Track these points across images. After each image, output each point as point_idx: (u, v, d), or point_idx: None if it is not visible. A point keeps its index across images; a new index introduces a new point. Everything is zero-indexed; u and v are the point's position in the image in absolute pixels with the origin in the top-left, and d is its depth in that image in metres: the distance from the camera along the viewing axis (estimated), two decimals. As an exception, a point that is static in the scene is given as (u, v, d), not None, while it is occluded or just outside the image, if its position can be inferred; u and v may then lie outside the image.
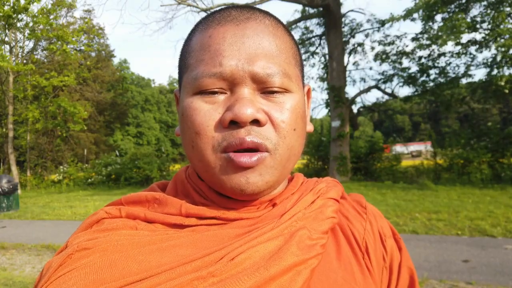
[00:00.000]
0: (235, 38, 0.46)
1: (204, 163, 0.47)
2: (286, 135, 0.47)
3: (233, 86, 0.46)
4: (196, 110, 0.47)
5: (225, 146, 0.45)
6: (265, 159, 0.46)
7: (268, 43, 0.47)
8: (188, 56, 0.50)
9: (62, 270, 0.40)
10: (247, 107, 0.44)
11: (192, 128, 0.47)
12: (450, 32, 10.58)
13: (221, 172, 0.46)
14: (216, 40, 0.47)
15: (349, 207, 0.58)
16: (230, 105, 0.45)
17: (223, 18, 0.49)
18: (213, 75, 0.46)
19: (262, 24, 0.48)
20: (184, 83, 0.50)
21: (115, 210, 0.49)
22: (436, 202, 7.98)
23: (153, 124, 47.34)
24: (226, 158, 0.45)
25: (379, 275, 0.53)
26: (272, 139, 0.46)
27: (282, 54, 0.48)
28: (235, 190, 0.46)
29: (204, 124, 0.46)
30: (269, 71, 0.46)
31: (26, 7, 14.80)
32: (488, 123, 14.22)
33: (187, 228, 0.48)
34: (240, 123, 0.45)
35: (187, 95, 0.49)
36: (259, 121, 0.45)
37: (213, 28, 0.48)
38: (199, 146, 0.47)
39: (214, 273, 0.40)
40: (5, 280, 4.32)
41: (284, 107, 0.47)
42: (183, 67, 0.52)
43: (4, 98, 17.14)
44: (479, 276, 3.79)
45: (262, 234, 0.45)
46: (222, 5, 13.24)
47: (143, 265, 0.41)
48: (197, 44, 0.49)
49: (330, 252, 0.50)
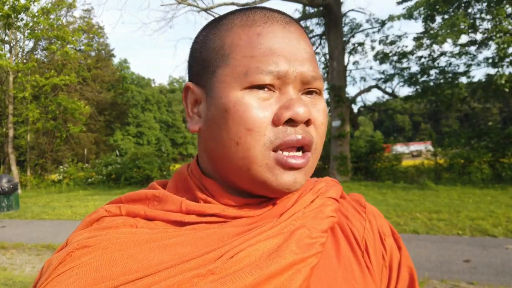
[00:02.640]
0: (286, 40, 0.48)
1: (249, 160, 0.46)
2: (323, 135, 0.50)
3: (283, 86, 0.47)
4: (248, 106, 0.46)
5: (278, 144, 0.46)
6: (309, 160, 0.48)
7: (309, 48, 0.51)
8: (227, 50, 0.49)
9: (62, 268, 0.40)
10: (304, 107, 0.46)
11: (243, 124, 0.46)
12: (450, 30, 10.57)
13: (268, 171, 0.46)
14: (267, 39, 0.48)
15: (349, 206, 0.58)
16: (285, 104, 0.46)
17: (268, 18, 0.49)
18: (270, 73, 0.46)
19: (300, 30, 0.52)
20: (223, 77, 0.48)
21: (115, 208, 0.49)
22: (437, 202, 7.98)
23: (153, 124, 47.35)
24: (276, 157, 0.46)
25: (378, 274, 0.54)
26: (315, 139, 0.49)
27: (314, 58, 0.51)
28: (282, 189, 0.47)
29: (258, 121, 0.46)
30: (314, 74, 0.49)
31: (26, 7, 14.82)
32: (489, 122, 14.22)
33: (187, 226, 0.48)
34: (297, 122, 0.46)
35: (233, 90, 0.47)
36: (309, 122, 0.48)
37: (261, 27, 0.49)
38: (248, 142, 0.46)
39: (214, 271, 0.40)
40: (5, 280, 4.32)
41: (321, 109, 0.50)
42: (215, 60, 0.50)
43: (4, 97, 17.15)
44: (480, 276, 3.79)
45: (261, 233, 0.45)
46: (222, 4, 13.25)
47: (143, 263, 0.41)
48: (241, 39, 0.48)
49: (330, 251, 0.51)
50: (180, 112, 52.14)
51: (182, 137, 49.83)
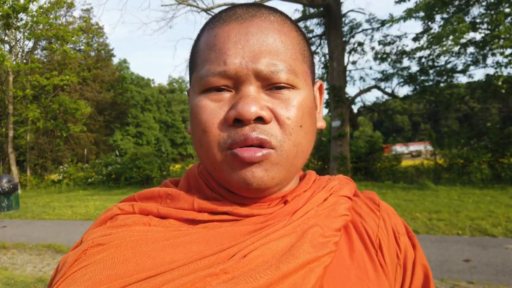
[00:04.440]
0: (239, 36, 0.47)
1: (211, 160, 0.48)
2: (292, 132, 0.47)
3: (238, 84, 0.47)
4: (202, 108, 0.47)
5: (230, 143, 0.46)
6: (270, 156, 0.45)
7: (273, 40, 0.47)
8: (196, 55, 0.51)
9: (77, 265, 0.41)
10: (250, 105, 0.44)
11: (199, 126, 0.48)
12: (453, 39, 10.54)
13: (227, 169, 0.47)
14: (221, 39, 0.47)
15: (362, 205, 0.57)
16: (234, 103, 0.46)
17: (228, 17, 0.49)
18: (218, 73, 0.46)
19: (267, 21, 0.49)
20: (193, 82, 0.51)
21: (128, 206, 0.50)
22: (437, 202, 7.98)
23: (152, 124, 47.31)
24: (231, 154, 0.46)
25: (392, 273, 0.53)
26: (277, 136, 0.46)
27: (288, 50, 0.48)
28: (241, 185, 0.46)
29: (209, 122, 0.47)
30: (273, 68, 0.46)
31: (26, 6, 14.80)
32: (488, 123, 14.23)
33: (199, 224, 0.48)
34: (244, 120, 0.45)
35: (195, 94, 0.49)
36: (263, 119, 0.45)
37: (218, 28, 0.49)
38: (206, 143, 0.47)
39: (227, 270, 0.40)
40: (6, 280, 4.32)
41: (290, 104, 0.47)
42: (192, 66, 0.52)
43: (4, 97, 17.13)
44: (480, 275, 3.79)
45: (274, 231, 0.45)
46: (222, 4, 13.23)
47: (157, 261, 0.41)
48: (203, 43, 0.50)
49: (343, 249, 0.50)
50: (179, 112, 52.11)
51: (181, 137, 49.80)
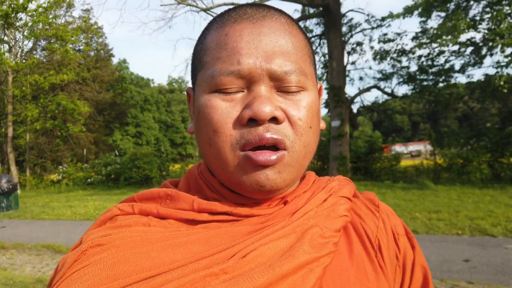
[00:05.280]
0: (252, 36, 0.47)
1: (221, 161, 0.47)
2: (303, 132, 0.47)
3: (251, 84, 0.46)
4: (213, 108, 0.47)
5: (243, 143, 0.45)
6: (284, 157, 0.46)
7: (285, 41, 0.47)
8: (203, 54, 0.50)
9: (76, 266, 0.41)
10: (266, 105, 0.44)
11: (210, 126, 0.47)
12: (452, 34, 10.55)
13: (239, 170, 0.46)
14: (233, 38, 0.47)
15: (362, 205, 0.57)
16: (248, 103, 0.45)
17: (239, 16, 0.49)
18: (231, 73, 0.46)
19: (278, 22, 0.49)
20: (199, 81, 0.50)
21: (128, 206, 0.50)
22: (436, 202, 7.99)
23: (152, 124, 47.32)
24: (244, 157, 0.45)
25: (392, 273, 0.53)
26: (289, 136, 0.46)
27: (298, 52, 0.49)
28: (254, 188, 0.46)
29: (222, 122, 0.46)
30: (286, 69, 0.46)
31: (25, 6, 14.78)
32: (487, 123, 14.24)
33: (199, 224, 0.48)
34: (259, 120, 0.44)
35: (203, 92, 0.48)
36: (277, 119, 0.45)
37: (229, 26, 0.48)
38: (217, 144, 0.47)
39: (226, 270, 0.40)
40: (5, 280, 4.31)
41: (300, 105, 0.48)
42: (197, 64, 0.52)
43: (3, 97, 17.11)
44: (480, 275, 3.80)
45: (274, 232, 0.45)
46: (222, 4, 13.22)
47: (156, 261, 0.41)
48: (213, 42, 0.49)
49: (343, 250, 0.50)
50: (179, 112, 52.11)
51: (181, 137, 49.82)
